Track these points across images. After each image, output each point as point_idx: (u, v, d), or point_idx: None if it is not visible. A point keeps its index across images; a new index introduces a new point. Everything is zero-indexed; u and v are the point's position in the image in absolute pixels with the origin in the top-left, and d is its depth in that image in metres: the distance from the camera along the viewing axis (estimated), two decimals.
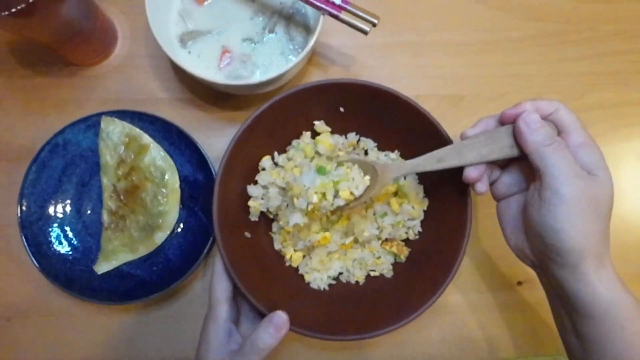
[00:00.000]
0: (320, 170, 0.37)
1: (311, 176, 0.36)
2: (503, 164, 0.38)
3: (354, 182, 0.37)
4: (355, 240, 0.44)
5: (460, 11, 0.52)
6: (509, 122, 0.35)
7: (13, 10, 0.33)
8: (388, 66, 0.51)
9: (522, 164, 0.36)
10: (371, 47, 0.50)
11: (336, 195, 0.37)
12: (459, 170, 0.36)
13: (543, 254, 0.34)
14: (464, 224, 0.39)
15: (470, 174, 0.36)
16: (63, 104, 0.49)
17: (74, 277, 0.43)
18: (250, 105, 0.49)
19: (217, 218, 0.38)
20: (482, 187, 0.36)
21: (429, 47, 0.51)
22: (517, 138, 0.34)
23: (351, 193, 0.37)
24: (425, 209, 0.44)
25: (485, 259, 0.49)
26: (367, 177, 0.38)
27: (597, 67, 0.52)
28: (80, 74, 0.49)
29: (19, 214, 0.43)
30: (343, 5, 0.38)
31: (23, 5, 0.34)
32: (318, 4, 0.38)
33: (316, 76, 0.50)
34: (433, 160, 0.36)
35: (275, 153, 0.44)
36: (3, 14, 0.33)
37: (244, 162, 0.42)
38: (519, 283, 0.49)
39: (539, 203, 0.32)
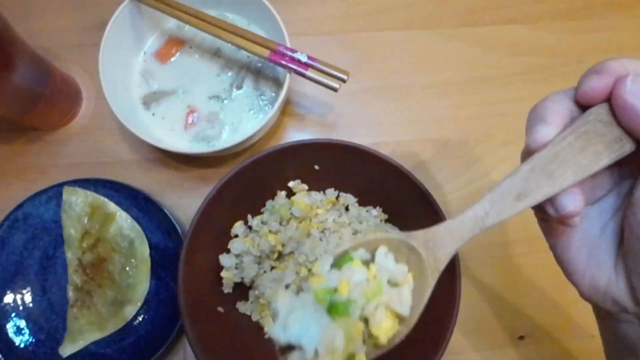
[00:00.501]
0: (335, 310, 0.20)
1: (312, 325, 0.21)
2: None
3: (396, 295, 0.22)
4: None
5: (439, 51, 0.50)
6: (599, 100, 0.22)
7: None
8: (367, 112, 0.48)
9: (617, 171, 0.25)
10: (348, 93, 0.48)
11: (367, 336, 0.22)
12: (440, 215, 0.33)
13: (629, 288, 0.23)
14: (452, 288, 0.35)
15: (569, 205, 0.22)
16: (27, 172, 0.46)
17: None
18: (223, 162, 0.46)
19: (183, 299, 0.35)
20: (577, 219, 0.23)
21: (409, 89, 0.49)
22: (623, 120, 0.21)
23: (396, 316, 0.23)
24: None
25: (482, 313, 0.45)
26: (406, 270, 0.23)
27: None
28: (43, 138, 0.47)
29: None
30: (310, 62, 0.36)
31: None
32: (283, 62, 0.36)
33: (292, 127, 0.48)
34: (508, 199, 0.22)
35: (249, 216, 0.41)
36: None
37: (214, 229, 0.39)
38: (521, 337, 0.45)
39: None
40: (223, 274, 0.39)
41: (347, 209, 0.43)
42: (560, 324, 0.44)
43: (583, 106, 0.22)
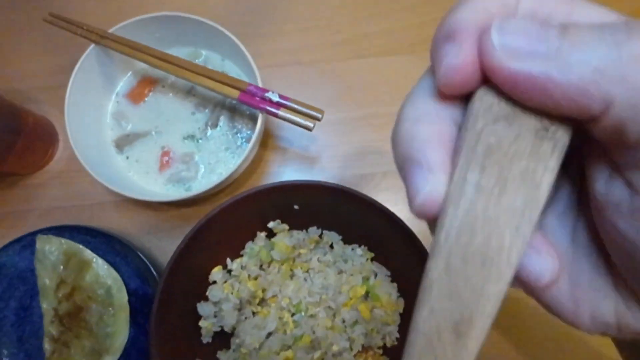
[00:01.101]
0: None
1: None
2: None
3: None
4: (325, 353, 0.38)
5: None
6: (474, 82, 0.13)
7: None
8: (351, 143, 0.47)
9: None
10: (332, 123, 0.46)
11: None
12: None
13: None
14: None
15: (544, 272, 0.14)
16: (4, 218, 0.45)
17: None
18: (203, 201, 0.45)
19: (156, 352, 0.33)
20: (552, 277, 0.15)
21: (394, 118, 0.47)
22: (525, 98, 0.12)
23: None
24: (401, 311, 0.38)
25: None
26: None
27: None
28: (19, 183, 0.46)
29: None
30: (282, 101, 0.34)
31: None
32: (254, 103, 0.34)
33: (272, 161, 0.46)
34: (445, 342, 0.13)
35: (228, 260, 0.39)
36: None
37: (191, 275, 0.37)
38: None
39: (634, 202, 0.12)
40: (201, 323, 0.38)
41: (331, 246, 0.41)
42: None
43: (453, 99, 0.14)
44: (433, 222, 0.14)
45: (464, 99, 0.14)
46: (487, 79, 0.13)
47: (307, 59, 0.48)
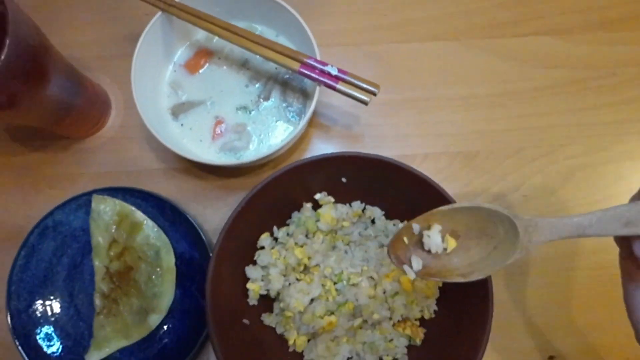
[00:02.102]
0: None
1: None
2: None
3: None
4: (365, 321, 0.40)
5: (468, 63, 0.49)
6: None
7: None
8: (394, 124, 0.48)
9: None
10: (375, 105, 0.47)
11: None
12: None
13: None
14: (485, 299, 0.34)
15: None
16: (56, 179, 0.47)
17: None
18: (247, 172, 0.46)
19: (210, 311, 0.35)
20: None
21: (437, 102, 0.48)
22: None
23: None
24: (440, 285, 0.40)
25: (512, 331, 0.44)
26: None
27: (624, 115, 0.48)
28: (73, 147, 0.47)
29: (8, 304, 0.41)
30: (340, 75, 0.35)
31: (8, 98, 0.32)
32: (314, 75, 0.36)
33: (317, 138, 0.47)
34: (617, 223, 0.26)
35: (275, 227, 0.41)
36: None
37: (241, 240, 0.39)
38: (551, 358, 0.43)
39: None
40: (249, 285, 0.39)
41: (373, 222, 0.42)
42: (592, 346, 0.43)
43: None
44: None
45: None
46: None
47: (353, 41, 0.49)
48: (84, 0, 0.50)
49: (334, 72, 0.35)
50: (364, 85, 0.35)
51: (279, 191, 0.39)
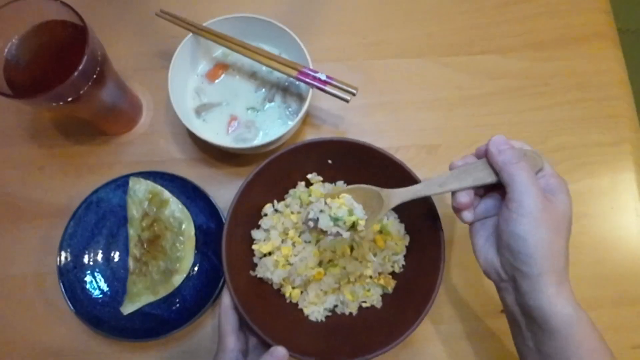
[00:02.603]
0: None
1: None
2: (482, 193, 0.43)
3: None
4: (348, 278, 0.50)
5: (430, 74, 0.61)
6: (483, 155, 0.40)
7: (67, 101, 0.42)
8: (372, 123, 0.59)
9: (500, 191, 0.40)
10: (356, 108, 0.59)
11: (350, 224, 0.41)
12: (433, 208, 0.43)
13: (510, 265, 0.37)
14: (438, 256, 0.44)
15: (460, 199, 0.39)
16: (96, 167, 0.57)
17: (103, 318, 0.50)
18: (253, 161, 0.57)
19: (225, 258, 0.44)
20: (469, 215, 0.41)
21: (406, 105, 0.60)
22: (489, 160, 0.39)
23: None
24: (407, 244, 0.50)
25: (471, 287, 0.53)
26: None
27: (556, 115, 0.60)
28: (111, 141, 0.58)
29: (58, 264, 0.50)
30: (328, 80, 0.47)
31: (78, 95, 0.43)
32: (307, 80, 0.47)
33: (310, 134, 0.58)
34: (434, 186, 0.41)
35: (275, 201, 0.51)
36: (59, 103, 0.42)
37: (248, 210, 0.49)
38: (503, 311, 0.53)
39: (507, 214, 0.37)
40: (254, 246, 0.49)
41: None
42: None
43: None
44: None
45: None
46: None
47: (340, 57, 0.61)
48: (124, 22, 0.62)
49: (323, 77, 0.47)
50: (346, 88, 0.47)
51: (278, 170, 0.49)
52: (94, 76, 0.44)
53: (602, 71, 0.61)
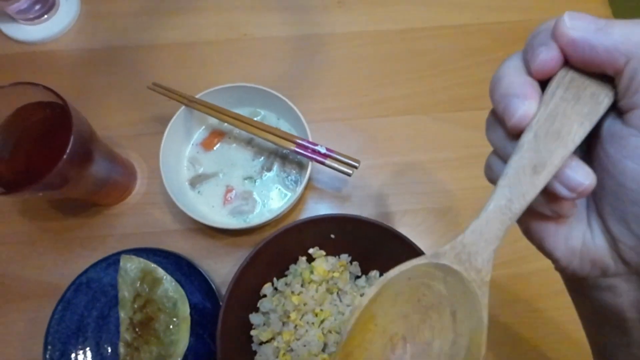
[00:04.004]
0: None
1: None
2: None
3: None
4: None
5: (435, 132, 0.58)
6: (557, 69, 0.20)
7: (53, 189, 0.40)
8: (376, 186, 0.56)
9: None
10: (360, 169, 0.55)
11: None
12: None
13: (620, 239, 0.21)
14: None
15: (584, 178, 0.19)
16: (88, 241, 0.54)
17: None
18: (253, 231, 0.54)
19: (220, 351, 0.41)
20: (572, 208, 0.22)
21: (411, 165, 0.57)
22: (587, 62, 0.19)
23: None
24: None
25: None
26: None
27: None
28: (103, 212, 0.55)
29: (44, 354, 0.47)
30: (328, 153, 0.44)
31: (65, 182, 0.41)
32: (306, 153, 0.45)
33: (312, 200, 0.56)
34: (526, 177, 0.20)
35: (275, 278, 0.48)
36: (45, 192, 0.40)
37: (246, 293, 0.46)
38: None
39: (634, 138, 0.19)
40: (253, 332, 0.45)
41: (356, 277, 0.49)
42: None
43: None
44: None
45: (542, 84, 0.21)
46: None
47: (341, 116, 0.59)
48: (113, 89, 0.61)
49: (323, 150, 0.44)
50: (347, 161, 0.44)
51: (279, 247, 0.46)
52: (82, 157, 0.42)
53: None
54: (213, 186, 0.51)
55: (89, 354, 0.49)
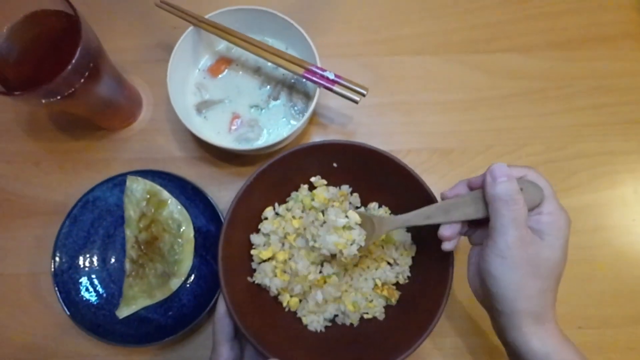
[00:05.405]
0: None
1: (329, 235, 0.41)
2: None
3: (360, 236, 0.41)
4: (350, 285, 0.47)
5: (446, 73, 0.57)
6: (478, 187, 0.37)
7: (60, 97, 0.40)
8: (382, 124, 0.56)
9: None
10: (366, 107, 0.56)
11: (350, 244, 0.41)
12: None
13: (487, 299, 0.37)
14: (446, 271, 0.42)
15: (444, 232, 0.38)
16: (93, 164, 0.55)
17: (98, 321, 0.48)
18: (256, 161, 0.54)
19: (221, 264, 0.42)
20: (449, 245, 0.39)
21: (419, 106, 0.57)
22: (483, 189, 0.36)
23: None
24: (413, 255, 0.47)
25: (475, 301, 0.51)
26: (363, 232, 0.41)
27: (578, 120, 0.56)
28: (109, 137, 0.56)
29: (52, 265, 0.49)
30: (336, 79, 0.44)
31: (71, 91, 0.40)
32: (315, 79, 0.44)
33: (316, 134, 0.56)
34: (421, 217, 0.40)
35: (276, 204, 0.49)
36: (53, 99, 0.40)
37: (248, 213, 0.46)
38: None
39: (484, 250, 0.36)
40: (253, 251, 0.47)
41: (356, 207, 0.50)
42: None
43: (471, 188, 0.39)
44: None
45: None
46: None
47: (350, 52, 0.58)
48: (122, 12, 0.59)
49: (331, 76, 0.44)
50: (356, 88, 0.44)
51: (281, 173, 0.46)
52: (89, 71, 0.41)
53: (629, 73, 0.57)
54: (219, 112, 0.51)
55: (96, 268, 0.50)
